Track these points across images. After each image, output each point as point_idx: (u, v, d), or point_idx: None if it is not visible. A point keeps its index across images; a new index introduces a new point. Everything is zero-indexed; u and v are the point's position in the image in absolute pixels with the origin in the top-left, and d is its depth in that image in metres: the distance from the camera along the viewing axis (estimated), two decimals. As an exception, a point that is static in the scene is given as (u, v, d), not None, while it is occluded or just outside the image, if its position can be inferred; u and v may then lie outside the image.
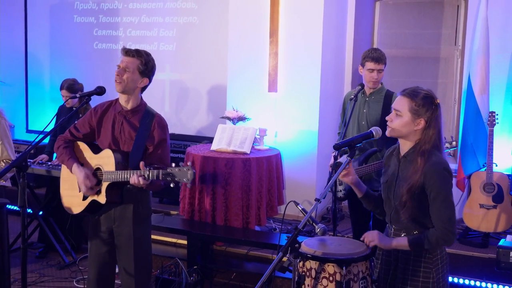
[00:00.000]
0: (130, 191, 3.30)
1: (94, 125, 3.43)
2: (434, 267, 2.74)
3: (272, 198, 5.30)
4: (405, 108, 2.69)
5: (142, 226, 3.41)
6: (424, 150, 2.68)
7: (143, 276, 3.43)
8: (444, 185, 2.65)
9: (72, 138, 3.49)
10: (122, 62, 3.31)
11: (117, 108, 3.40)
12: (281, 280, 4.79)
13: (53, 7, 7.93)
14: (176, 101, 7.24)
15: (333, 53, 6.15)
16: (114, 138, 3.36)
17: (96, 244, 3.45)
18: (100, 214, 3.40)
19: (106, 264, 3.46)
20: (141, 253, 3.40)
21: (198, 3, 7.01)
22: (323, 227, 2.77)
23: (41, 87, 8.10)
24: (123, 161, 3.25)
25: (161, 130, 3.36)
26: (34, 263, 5.33)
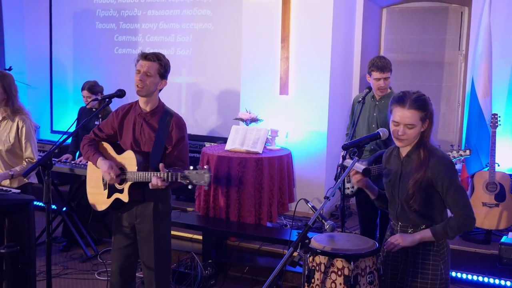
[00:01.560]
0: (151, 190, 3.30)
1: (116, 127, 3.44)
2: (442, 259, 2.76)
3: (283, 195, 5.29)
4: (416, 120, 2.68)
5: (162, 223, 3.41)
6: (426, 144, 2.72)
7: (163, 269, 3.44)
8: (453, 175, 2.69)
9: (96, 138, 3.51)
10: (143, 66, 3.26)
11: (137, 110, 3.40)
12: (291, 274, 4.79)
13: (76, 14, 7.98)
14: (192, 103, 7.25)
15: (342, 58, 6.13)
16: (135, 139, 3.37)
17: (119, 238, 3.47)
18: (123, 211, 3.41)
19: (128, 258, 3.47)
20: (160, 248, 3.40)
21: (213, 10, 7.02)
22: (332, 223, 2.77)
23: (65, 90, 8.15)
24: (144, 162, 3.25)
25: (178, 130, 3.34)
26: (58, 256, 5.37)
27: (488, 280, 4.66)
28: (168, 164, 3.24)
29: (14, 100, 3.97)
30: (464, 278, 4.77)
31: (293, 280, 4.79)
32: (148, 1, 7.41)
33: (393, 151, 2.91)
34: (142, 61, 3.27)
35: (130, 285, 3.53)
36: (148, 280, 3.44)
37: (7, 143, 3.92)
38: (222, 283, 4.80)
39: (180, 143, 3.34)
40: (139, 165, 3.22)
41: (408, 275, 2.80)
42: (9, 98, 3.93)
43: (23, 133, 3.94)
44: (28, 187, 4.01)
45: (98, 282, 4.81)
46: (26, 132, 3.94)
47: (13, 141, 3.93)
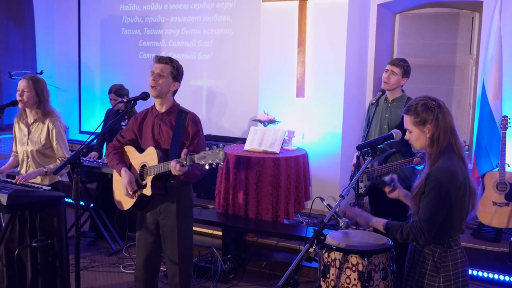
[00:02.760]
0: (173, 186, 3.33)
1: (136, 132, 3.48)
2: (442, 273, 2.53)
3: (300, 194, 5.28)
4: (409, 124, 2.61)
5: (185, 218, 3.43)
6: (432, 152, 2.56)
7: (186, 262, 3.46)
8: (436, 187, 2.44)
9: (119, 144, 3.55)
10: (156, 68, 3.32)
11: (154, 113, 3.44)
12: (307, 269, 4.78)
13: (103, 21, 8.06)
14: (212, 105, 7.28)
15: (356, 61, 6.11)
16: (155, 140, 3.40)
17: (143, 234, 3.49)
18: (147, 210, 3.44)
19: (153, 252, 3.49)
20: (183, 243, 3.42)
21: (233, 17, 7.04)
22: (347, 221, 2.76)
23: (92, 93, 8.23)
24: (164, 156, 3.28)
25: (193, 124, 3.38)
26: (86, 250, 5.40)
27: (498, 277, 4.61)
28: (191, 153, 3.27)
29: (46, 103, 4.01)
30: (475, 275, 4.71)
31: (309, 275, 4.78)
32: (171, 9, 7.46)
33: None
34: (156, 63, 3.35)
35: (153, 279, 3.55)
36: (172, 273, 3.46)
37: (38, 144, 3.97)
38: (241, 277, 4.81)
39: (196, 137, 3.37)
40: (160, 159, 3.25)
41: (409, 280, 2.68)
42: (41, 102, 3.98)
43: (54, 134, 3.98)
44: (58, 185, 4.05)
45: (123, 275, 4.85)
46: (56, 134, 3.98)
47: (43, 142, 3.97)
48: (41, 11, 8.19)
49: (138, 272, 3.52)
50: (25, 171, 4.00)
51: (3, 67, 7.58)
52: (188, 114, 3.39)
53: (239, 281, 4.73)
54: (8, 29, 7.70)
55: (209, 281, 4.64)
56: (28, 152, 3.98)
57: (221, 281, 4.65)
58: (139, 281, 3.51)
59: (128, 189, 3.32)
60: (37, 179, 3.96)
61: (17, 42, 7.84)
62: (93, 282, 4.67)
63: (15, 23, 7.80)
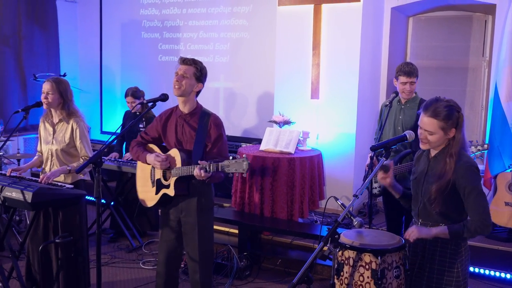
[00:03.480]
0: (195, 185, 3.35)
1: (160, 130, 3.50)
2: (459, 258, 2.69)
3: (314, 193, 5.27)
4: (435, 128, 2.61)
5: (205, 216, 3.44)
6: (452, 152, 2.62)
7: (206, 259, 3.47)
8: (476, 181, 2.61)
9: (143, 141, 3.57)
10: (180, 69, 3.35)
11: (177, 113, 3.46)
12: (321, 267, 4.77)
13: (124, 25, 8.12)
14: (229, 106, 7.29)
15: (370, 64, 6.07)
16: (178, 139, 3.41)
17: (166, 231, 3.51)
18: (170, 207, 3.46)
19: (174, 249, 3.51)
20: (204, 240, 3.43)
21: (249, 20, 7.04)
22: (360, 220, 2.75)
23: (113, 95, 8.29)
24: (187, 158, 3.29)
25: (216, 128, 3.38)
26: (106, 247, 5.45)
27: (510, 277, 4.55)
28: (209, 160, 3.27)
29: (70, 103, 4.05)
30: (487, 274, 4.67)
31: (323, 273, 4.77)
32: (190, 13, 7.49)
33: (424, 151, 2.86)
34: (180, 65, 3.38)
35: (174, 274, 3.57)
36: (192, 270, 3.47)
37: (62, 143, 4.01)
38: (256, 274, 4.81)
39: (219, 140, 3.38)
40: (183, 161, 3.27)
41: (425, 271, 2.74)
42: (65, 102, 4.02)
43: (77, 134, 4.01)
44: (80, 183, 4.09)
45: (142, 271, 4.87)
46: (80, 133, 4.02)
47: (67, 141, 4.01)
48: (64, 16, 8.27)
49: (160, 267, 3.54)
50: (49, 169, 4.04)
51: (28, 70, 7.67)
52: (210, 117, 3.41)
53: (254, 278, 4.74)
54: (33, 33, 7.80)
55: (225, 278, 4.65)
56: (53, 151, 4.02)
57: (237, 278, 4.65)
58: (160, 276, 3.54)
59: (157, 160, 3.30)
60: (60, 177, 3.99)
61: (41, 46, 7.93)
62: (113, 277, 4.71)
63: (40, 28, 7.89)
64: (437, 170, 2.67)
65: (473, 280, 4.63)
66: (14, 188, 3.62)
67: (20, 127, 4.15)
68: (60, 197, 3.74)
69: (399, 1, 6.19)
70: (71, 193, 3.80)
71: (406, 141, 2.85)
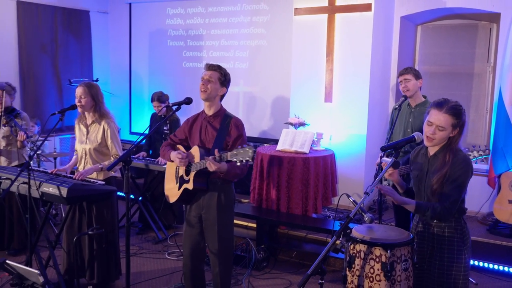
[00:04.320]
0: (215, 183, 3.35)
1: (187, 132, 3.53)
2: (465, 246, 2.71)
3: (327, 190, 5.25)
4: (447, 124, 2.64)
5: (225, 213, 3.43)
6: (452, 148, 2.66)
7: (225, 254, 3.45)
8: (462, 175, 2.62)
9: (172, 142, 3.61)
10: (206, 75, 3.37)
11: (203, 116, 3.48)
12: (334, 260, 4.76)
13: (151, 34, 8.18)
14: (248, 109, 7.31)
15: (380, 69, 6.03)
16: (201, 140, 3.44)
17: (189, 226, 3.52)
18: (192, 203, 3.47)
19: (197, 243, 3.51)
20: (223, 236, 3.42)
21: (267, 29, 7.05)
22: (371, 216, 2.73)
23: (141, 98, 8.36)
24: (206, 154, 3.29)
25: (236, 129, 3.40)
26: (135, 238, 5.50)
27: None
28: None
29: (101, 106, 4.09)
30: (491, 268, 4.61)
31: (335, 265, 4.75)
32: (212, 22, 7.52)
33: (421, 150, 2.86)
34: (206, 70, 3.41)
35: (199, 266, 3.58)
36: (213, 263, 3.48)
37: (95, 143, 4.06)
38: (273, 266, 4.82)
39: (238, 139, 3.39)
40: (201, 157, 3.28)
41: (436, 260, 2.74)
42: (97, 104, 4.07)
43: (108, 134, 4.06)
44: (111, 180, 4.13)
45: (167, 261, 4.91)
46: (111, 134, 4.07)
47: (99, 141, 4.06)
48: (97, 25, 8.37)
49: (186, 260, 3.55)
50: (83, 167, 4.10)
51: (64, 75, 7.77)
52: (232, 119, 3.42)
53: (271, 269, 4.74)
54: (68, 41, 7.90)
55: (244, 269, 4.66)
56: (87, 150, 4.08)
57: (255, 269, 4.66)
58: (187, 268, 3.55)
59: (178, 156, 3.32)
60: (93, 175, 4.05)
61: (76, 53, 8.04)
62: (141, 267, 4.75)
63: (75, 36, 7.99)
64: (437, 166, 2.68)
65: (477, 273, 4.57)
66: (51, 184, 3.68)
67: (56, 128, 4.20)
68: (92, 193, 3.79)
69: (408, 10, 6.13)
70: (103, 189, 3.85)
71: (414, 142, 2.83)
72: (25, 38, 7.29)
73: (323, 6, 5.86)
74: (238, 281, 4.43)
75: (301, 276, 4.20)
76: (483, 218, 5.36)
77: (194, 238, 3.49)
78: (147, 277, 4.52)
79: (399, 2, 6.16)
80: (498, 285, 4.43)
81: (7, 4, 7.11)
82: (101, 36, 8.48)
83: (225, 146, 3.37)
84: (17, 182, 3.79)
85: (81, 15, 8.04)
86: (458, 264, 2.69)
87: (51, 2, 7.61)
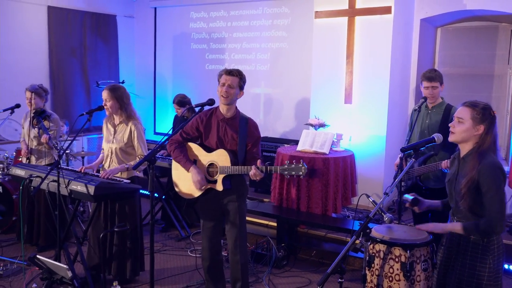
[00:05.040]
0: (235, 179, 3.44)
1: (201, 129, 3.53)
2: (491, 254, 2.57)
3: (347, 190, 5.20)
4: (467, 116, 2.57)
5: (243, 202, 3.54)
6: (481, 152, 2.54)
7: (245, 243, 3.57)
8: (495, 181, 2.48)
9: (182, 140, 3.59)
10: (227, 80, 3.37)
11: (218, 116, 3.49)
12: (353, 259, 4.71)
13: (175, 37, 8.24)
14: (269, 110, 7.29)
15: (399, 71, 5.95)
16: (219, 139, 3.46)
17: (206, 219, 3.57)
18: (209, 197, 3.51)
19: (215, 234, 3.56)
20: (242, 224, 3.52)
21: (288, 32, 7.03)
22: (391, 216, 2.69)
23: (165, 99, 8.42)
24: (234, 158, 3.38)
25: (255, 131, 3.47)
26: (158, 236, 5.52)
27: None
28: (249, 158, 3.39)
29: (127, 107, 4.12)
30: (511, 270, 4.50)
31: (354, 264, 4.70)
32: (234, 26, 7.54)
33: (456, 155, 2.77)
34: (226, 76, 3.39)
35: (217, 257, 3.62)
36: (233, 253, 3.55)
37: (121, 143, 4.09)
38: (293, 264, 4.79)
39: (258, 141, 3.47)
40: (232, 161, 3.34)
41: (458, 264, 2.66)
42: (122, 106, 4.10)
43: (135, 135, 4.09)
44: (135, 179, 4.17)
45: (190, 258, 4.92)
46: (137, 135, 4.10)
47: (126, 141, 4.10)
48: (123, 30, 8.47)
49: (205, 252, 3.59)
50: (108, 165, 4.14)
51: (92, 77, 7.88)
52: (249, 121, 3.47)
53: (291, 267, 4.72)
54: (96, 45, 8.01)
55: (265, 266, 4.64)
56: (113, 149, 4.12)
57: (275, 267, 4.65)
58: (206, 259, 3.60)
59: (199, 186, 3.40)
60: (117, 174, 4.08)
61: (103, 57, 8.14)
62: (164, 264, 4.77)
63: (102, 41, 8.10)
64: (466, 169, 2.59)
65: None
66: (79, 182, 3.72)
67: (84, 128, 4.25)
68: (118, 191, 3.82)
69: (427, 13, 6.04)
70: (128, 187, 3.88)
71: (434, 143, 2.78)
72: (55, 42, 7.42)
73: (343, 9, 5.82)
74: (259, 278, 4.41)
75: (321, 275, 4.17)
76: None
77: (212, 229, 3.56)
78: (170, 273, 4.54)
79: (419, 5, 6.07)
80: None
81: (39, 10, 7.24)
82: (127, 40, 8.57)
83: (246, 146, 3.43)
84: (47, 180, 3.84)
85: (108, 20, 8.14)
86: (481, 272, 2.56)
87: (80, 7, 7.72)
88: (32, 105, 4.88)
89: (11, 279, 4.24)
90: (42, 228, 4.93)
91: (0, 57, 6.80)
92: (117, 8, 8.34)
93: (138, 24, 8.65)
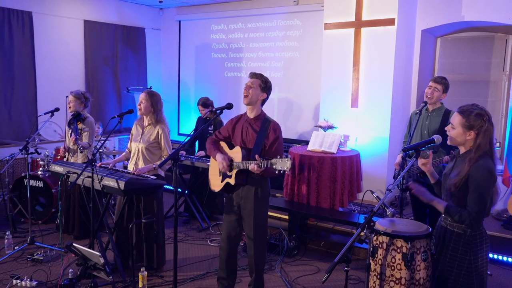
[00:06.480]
0: (253, 178, 3.37)
1: (230, 131, 3.55)
2: (473, 247, 2.49)
3: (353, 187, 5.17)
4: (457, 123, 2.52)
5: (261, 204, 3.44)
6: (471, 156, 2.46)
7: (260, 239, 3.48)
8: (483, 184, 2.39)
9: (216, 138, 3.63)
10: (249, 81, 3.40)
11: (245, 118, 3.50)
12: (358, 249, 4.68)
13: (198, 47, 8.28)
14: (282, 113, 7.29)
15: (402, 78, 5.90)
16: (243, 139, 3.45)
17: (228, 213, 3.55)
18: (232, 193, 3.50)
19: (234, 228, 3.53)
20: (258, 223, 3.44)
21: (300, 42, 7.01)
22: (393, 210, 2.67)
23: (188, 104, 8.47)
24: (247, 155, 3.33)
25: (274, 132, 3.38)
26: (181, 227, 5.56)
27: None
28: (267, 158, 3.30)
29: (159, 113, 4.16)
30: (505, 261, 4.43)
31: (359, 254, 4.68)
32: (251, 37, 7.54)
33: (457, 151, 2.72)
34: (249, 78, 3.44)
35: (233, 250, 3.60)
36: (249, 247, 3.51)
37: (148, 143, 4.13)
38: (303, 253, 4.78)
39: (275, 142, 3.38)
40: (243, 157, 3.31)
41: (442, 256, 2.60)
42: (155, 111, 4.13)
43: (162, 138, 4.12)
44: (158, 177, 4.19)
45: (210, 247, 4.94)
46: (164, 137, 4.13)
47: (152, 142, 4.13)
48: (151, 41, 8.54)
49: (223, 243, 3.58)
50: (134, 163, 4.17)
51: (123, 84, 7.96)
52: (271, 123, 3.42)
53: (301, 257, 4.71)
54: (127, 55, 8.09)
55: (277, 255, 4.64)
56: (139, 148, 4.15)
57: (287, 256, 4.64)
58: (223, 250, 3.58)
59: (223, 164, 3.37)
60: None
61: (133, 65, 8.22)
62: (186, 253, 4.80)
63: (132, 51, 8.18)
64: (459, 168, 2.54)
65: (492, 265, 4.40)
66: (110, 178, 3.76)
67: (116, 130, 4.30)
68: (145, 186, 3.85)
69: (428, 24, 5.97)
70: (154, 183, 3.91)
71: (434, 144, 2.74)
72: (90, 52, 7.51)
73: (350, 21, 5.79)
74: (272, 266, 4.41)
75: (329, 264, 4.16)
76: (497, 214, 5.16)
77: (231, 223, 3.52)
78: (191, 261, 4.56)
79: (420, 16, 6.01)
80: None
81: (76, 23, 7.34)
82: (154, 50, 8.64)
83: (263, 147, 3.38)
84: (83, 176, 3.89)
85: (138, 32, 8.21)
86: (461, 262, 2.50)
87: (113, 20, 7.81)
88: (70, 108, 4.94)
89: (50, 264, 4.31)
90: (77, 219, 4.99)
91: (41, 66, 6.91)
92: (146, 22, 8.41)
93: (164, 35, 8.72)
